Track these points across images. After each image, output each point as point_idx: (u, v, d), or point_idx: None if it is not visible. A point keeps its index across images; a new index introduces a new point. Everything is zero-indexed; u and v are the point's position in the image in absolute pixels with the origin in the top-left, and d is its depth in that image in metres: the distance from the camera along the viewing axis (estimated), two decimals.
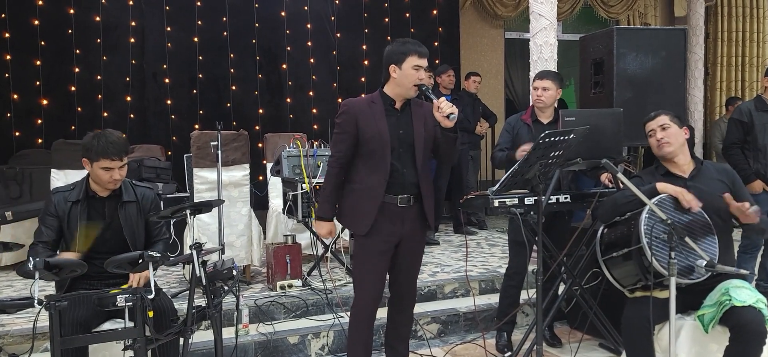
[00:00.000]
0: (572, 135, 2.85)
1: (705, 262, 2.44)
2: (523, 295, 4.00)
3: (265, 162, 5.55)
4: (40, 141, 6.13)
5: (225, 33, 6.72)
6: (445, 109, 2.63)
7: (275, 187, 5.03)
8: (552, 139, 2.78)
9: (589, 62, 4.46)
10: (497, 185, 3.10)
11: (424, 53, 2.75)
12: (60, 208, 2.74)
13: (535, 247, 3.49)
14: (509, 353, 3.47)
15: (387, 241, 2.80)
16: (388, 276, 2.96)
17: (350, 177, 2.83)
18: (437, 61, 7.17)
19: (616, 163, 3.15)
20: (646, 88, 4.20)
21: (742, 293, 2.48)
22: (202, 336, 3.41)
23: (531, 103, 3.67)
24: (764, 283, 4.21)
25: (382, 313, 3.16)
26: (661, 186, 2.70)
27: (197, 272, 2.49)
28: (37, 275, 2.21)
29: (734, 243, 2.91)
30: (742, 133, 4.09)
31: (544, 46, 4.76)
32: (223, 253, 4.03)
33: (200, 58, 6.65)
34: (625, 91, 4.17)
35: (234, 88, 6.79)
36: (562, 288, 3.57)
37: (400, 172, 2.77)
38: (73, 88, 6.27)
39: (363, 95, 2.92)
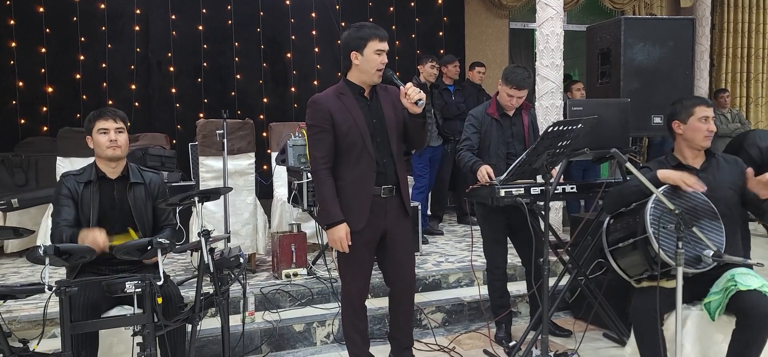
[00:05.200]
0: (580, 125, 2.84)
1: (712, 252, 2.44)
2: (520, 288, 4.02)
3: (269, 151, 5.55)
4: (45, 129, 6.15)
5: (229, 21, 6.70)
6: (412, 96, 2.56)
7: (280, 176, 5.03)
8: (560, 129, 2.77)
9: (596, 52, 4.44)
10: (504, 175, 3.10)
11: (385, 36, 2.66)
12: (73, 190, 2.77)
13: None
14: (512, 343, 3.48)
15: (371, 234, 2.74)
16: (382, 271, 2.94)
17: (335, 171, 2.72)
18: (442, 51, 7.16)
19: (624, 153, 3.14)
20: (654, 79, 4.18)
21: (748, 279, 2.48)
22: (208, 323, 3.43)
23: (495, 94, 3.54)
24: None
25: (385, 303, 3.17)
26: (662, 174, 2.69)
27: (205, 259, 2.50)
28: (47, 261, 2.22)
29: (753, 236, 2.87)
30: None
31: (551, 36, 4.75)
32: (228, 241, 4.04)
33: (205, 46, 6.65)
34: (633, 82, 4.16)
35: (238, 77, 6.79)
36: (566, 278, 3.58)
37: (380, 162, 2.71)
38: (77, 76, 6.28)
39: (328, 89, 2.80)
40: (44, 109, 6.20)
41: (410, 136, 2.78)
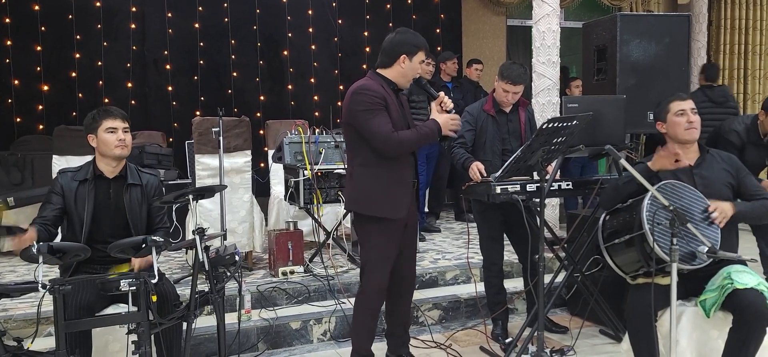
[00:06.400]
0: (575, 122, 2.84)
1: (707, 248, 2.44)
2: (517, 285, 4.02)
3: (266, 149, 5.55)
4: (41, 127, 6.14)
5: (226, 19, 6.69)
6: (448, 104, 2.79)
7: (277, 173, 5.03)
8: (555, 125, 2.77)
9: (592, 49, 4.44)
10: (499, 172, 3.10)
11: (429, 49, 2.89)
12: (66, 188, 2.76)
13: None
14: (508, 340, 3.48)
15: (400, 227, 2.86)
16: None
17: (371, 162, 2.79)
18: (439, 49, 7.15)
19: (619, 149, 3.14)
20: (650, 75, 4.18)
21: (744, 277, 2.49)
22: (205, 321, 3.42)
23: (492, 91, 3.55)
24: None
25: None
26: (653, 164, 2.71)
27: (200, 257, 2.50)
28: (41, 259, 2.22)
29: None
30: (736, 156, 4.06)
31: (547, 33, 4.74)
32: (225, 239, 4.04)
33: (201, 44, 6.64)
34: (629, 78, 4.16)
35: (235, 74, 6.78)
36: (562, 275, 3.58)
37: (408, 157, 2.87)
38: (73, 74, 6.27)
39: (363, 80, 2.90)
40: (40, 107, 6.19)
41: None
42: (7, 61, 6.08)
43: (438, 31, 7.48)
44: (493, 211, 3.41)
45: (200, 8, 6.60)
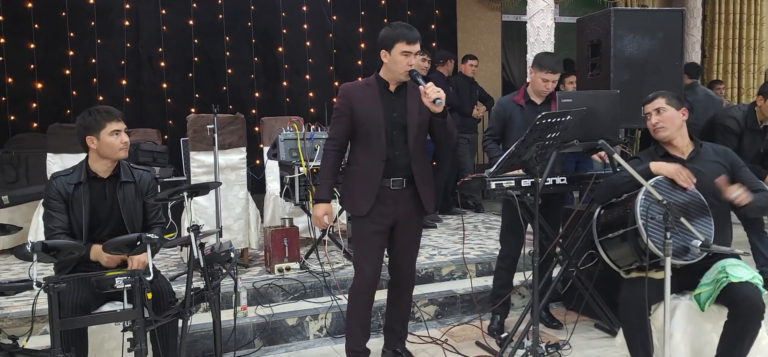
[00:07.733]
0: (569, 117, 2.84)
1: (700, 243, 2.46)
2: (520, 277, 4.04)
3: (261, 146, 5.54)
4: (35, 125, 6.11)
5: (220, 16, 6.67)
6: (431, 95, 2.67)
7: (272, 170, 5.02)
8: (548, 120, 2.78)
9: (587, 44, 4.45)
10: (494, 167, 3.10)
11: (413, 38, 2.73)
12: (63, 191, 2.74)
13: (529, 230, 3.54)
14: (504, 335, 3.49)
15: (380, 223, 2.84)
16: (389, 259, 2.99)
17: (349, 160, 2.92)
18: (434, 44, 7.15)
19: (613, 144, 3.15)
20: (644, 70, 4.19)
21: (739, 270, 2.50)
22: (201, 318, 3.42)
23: (525, 84, 3.61)
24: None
25: (381, 296, 3.18)
26: (654, 166, 2.71)
27: (195, 254, 2.50)
28: (35, 258, 2.21)
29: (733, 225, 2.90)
30: (735, 143, 4.07)
31: (541, 29, 4.74)
32: (220, 236, 4.04)
33: (195, 41, 6.62)
34: (623, 73, 4.17)
35: (230, 71, 6.76)
36: (558, 270, 3.59)
37: (393, 154, 2.82)
38: (67, 72, 6.24)
39: (360, 79, 2.93)
40: (34, 105, 6.16)
41: (434, 134, 2.92)
42: (1, 58, 6.05)
43: (433, 27, 7.47)
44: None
45: (194, 5, 6.58)
